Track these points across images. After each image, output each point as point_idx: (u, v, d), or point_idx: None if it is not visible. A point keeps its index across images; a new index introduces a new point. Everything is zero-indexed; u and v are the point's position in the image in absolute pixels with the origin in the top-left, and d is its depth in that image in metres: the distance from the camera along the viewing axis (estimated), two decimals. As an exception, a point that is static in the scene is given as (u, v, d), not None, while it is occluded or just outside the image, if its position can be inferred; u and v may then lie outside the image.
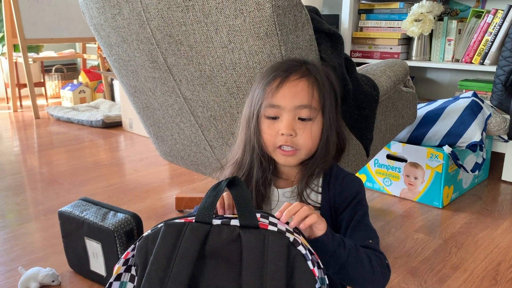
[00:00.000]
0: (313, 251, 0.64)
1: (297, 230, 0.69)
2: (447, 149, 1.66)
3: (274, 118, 0.83)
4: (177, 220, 0.66)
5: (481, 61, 2.11)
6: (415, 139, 1.79)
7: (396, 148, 1.79)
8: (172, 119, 1.35)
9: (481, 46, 2.11)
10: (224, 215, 0.71)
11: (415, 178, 1.76)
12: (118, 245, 1.16)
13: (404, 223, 1.60)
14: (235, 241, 0.62)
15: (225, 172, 0.92)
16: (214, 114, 1.19)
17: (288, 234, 0.64)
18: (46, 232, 1.54)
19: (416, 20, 2.21)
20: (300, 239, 0.65)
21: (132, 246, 0.66)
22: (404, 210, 1.71)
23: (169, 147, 1.51)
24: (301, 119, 0.82)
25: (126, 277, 0.67)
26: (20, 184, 2.01)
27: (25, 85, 3.67)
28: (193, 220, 0.65)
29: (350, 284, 0.79)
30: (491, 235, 1.51)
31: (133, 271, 0.67)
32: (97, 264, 1.22)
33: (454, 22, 2.22)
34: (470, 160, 1.80)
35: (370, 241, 0.80)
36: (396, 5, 2.37)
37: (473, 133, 1.71)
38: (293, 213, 0.69)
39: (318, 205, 0.85)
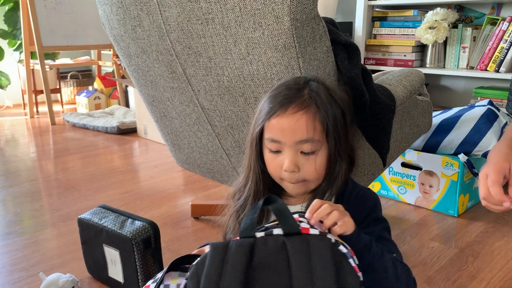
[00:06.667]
0: (348, 247, 0.66)
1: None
2: (462, 157, 1.66)
3: (276, 152, 0.82)
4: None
5: (497, 68, 2.10)
6: (430, 147, 1.78)
7: (411, 156, 1.79)
8: (190, 128, 1.37)
9: (496, 53, 2.10)
10: (265, 225, 0.73)
11: (430, 186, 1.76)
12: (135, 253, 1.18)
13: (419, 231, 1.60)
14: (281, 249, 0.64)
15: (238, 179, 0.93)
16: (231, 124, 1.21)
17: (329, 236, 0.66)
18: (65, 238, 1.57)
19: (430, 28, 2.20)
20: (338, 239, 0.68)
21: (184, 282, 0.69)
22: (419, 218, 1.71)
23: (186, 155, 1.52)
24: (304, 153, 0.80)
25: None
26: (37, 190, 2.04)
27: (41, 92, 3.73)
28: (237, 238, 0.68)
29: None
30: (508, 245, 1.50)
31: None
32: (115, 271, 1.23)
33: (469, 29, 2.22)
34: (486, 168, 1.79)
35: (394, 254, 0.79)
36: (410, 12, 2.37)
37: (489, 142, 1.70)
38: (322, 215, 0.68)
39: None
